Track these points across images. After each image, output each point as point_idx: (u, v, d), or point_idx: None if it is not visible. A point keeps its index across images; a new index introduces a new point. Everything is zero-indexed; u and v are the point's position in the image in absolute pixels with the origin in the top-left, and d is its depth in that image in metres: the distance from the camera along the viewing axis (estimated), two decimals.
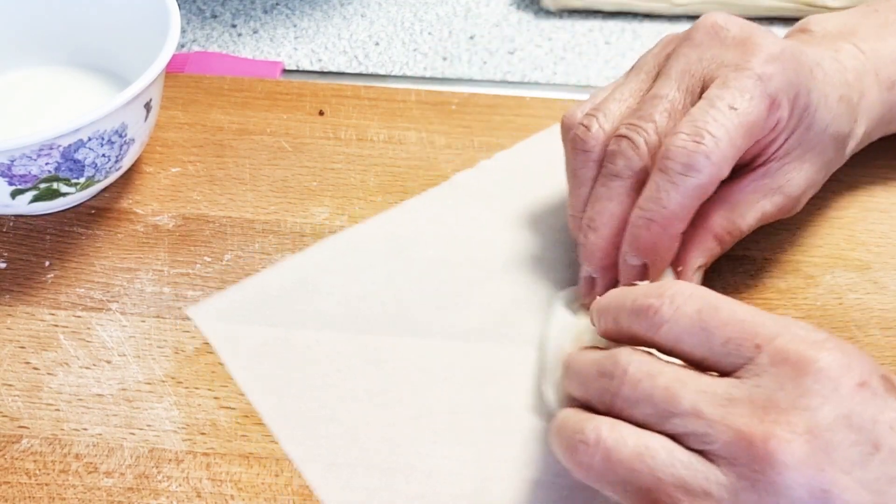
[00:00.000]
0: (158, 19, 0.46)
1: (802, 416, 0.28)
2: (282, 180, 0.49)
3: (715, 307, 0.31)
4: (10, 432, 0.38)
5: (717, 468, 0.29)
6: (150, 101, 0.45)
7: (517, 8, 0.65)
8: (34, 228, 0.47)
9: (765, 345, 0.30)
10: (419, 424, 0.39)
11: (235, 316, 0.42)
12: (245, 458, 0.38)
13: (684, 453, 0.29)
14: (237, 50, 0.61)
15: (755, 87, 0.38)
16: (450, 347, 0.42)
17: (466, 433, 0.38)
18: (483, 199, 0.48)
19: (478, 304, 0.43)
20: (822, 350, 0.29)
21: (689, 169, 0.36)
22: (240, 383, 0.40)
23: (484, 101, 0.54)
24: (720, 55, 0.39)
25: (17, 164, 0.41)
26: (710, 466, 0.29)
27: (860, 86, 0.43)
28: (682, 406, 0.30)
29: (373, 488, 0.37)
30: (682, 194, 0.37)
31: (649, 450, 0.30)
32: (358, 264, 0.45)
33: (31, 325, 0.42)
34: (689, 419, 0.29)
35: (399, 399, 0.40)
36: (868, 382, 0.29)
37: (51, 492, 0.36)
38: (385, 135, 0.52)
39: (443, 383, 0.40)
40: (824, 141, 0.41)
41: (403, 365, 0.41)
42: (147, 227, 0.47)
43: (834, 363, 0.29)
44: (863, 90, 0.43)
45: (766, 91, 0.38)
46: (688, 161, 0.36)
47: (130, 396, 0.40)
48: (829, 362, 0.29)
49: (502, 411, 0.39)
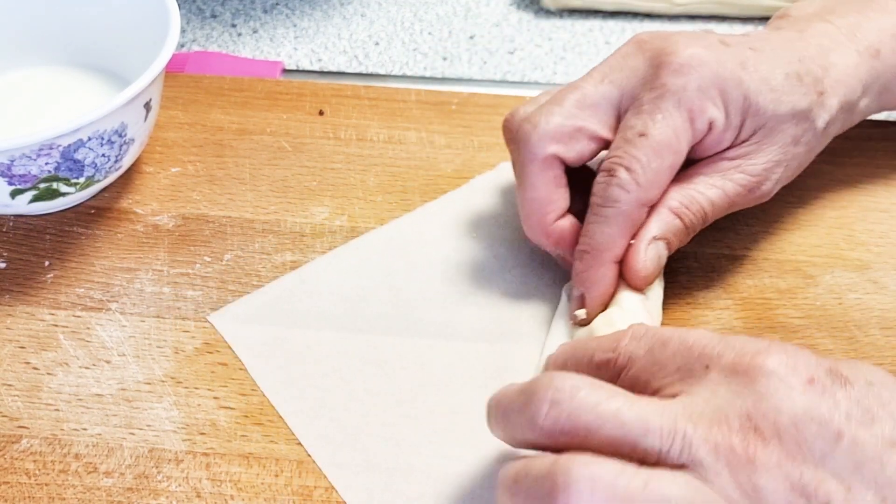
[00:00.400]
0: (158, 19, 0.46)
1: (766, 419, 0.29)
2: (282, 180, 0.49)
3: (663, 342, 0.32)
4: (9, 432, 0.38)
5: (709, 491, 0.28)
6: (150, 101, 0.45)
7: (517, 8, 0.65)
8: (34, 228, 0.47)
9: (713, 364, 0.31)
10: (419, 424, 0.39)
11: (254, 319, 0.42)
12: (245, 458, 0.38)
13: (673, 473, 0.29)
14: (237, 50, 0.61)
15: (667, 105, 0.40)
16: (450, 347, 0.42)
17: (466, 433, 0.38)
18: (488, 199, 0.48)
19: (478, 304, 0.43)
20: (767, 356, 0.30)
21: (608, 201, 0.39)
22: (260, 384, 0.40)
23: (484, 101, 0.54)
24: (635, 68, 0.41)
25: (17, 164, 0.41)
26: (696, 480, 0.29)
27: (823, 60, 0.43)
28: (652, 425, 0.29)
29: (373, 488, 0.37)
30: (605, 224, 0.40)
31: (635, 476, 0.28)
32: (363, 266, 0.45)
33: (30, 324, 0.42)
34: (666, 438, 0.29)
35: (399, 399, 0.40)
36: (815, 378, 0.30)
37: (50, 492, 0.36)
38: (385, 135, 0.52)
39: (444, 383, 0.40)
40: (781, 120, 0.42)
41: (403, 364, 0.41)
42: (147, 227, 0.47)
43: (781, 365, 0.30)
44: (829, 63, 0.43)
45: (679, 104, 0.39)
46: (605, 195, 0.40)
47: (130, 396, 0.40)
48: (776, 365, 0.30)
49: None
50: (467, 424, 0.39)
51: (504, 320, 0.43)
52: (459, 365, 0.41)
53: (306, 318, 0.42)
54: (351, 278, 0.44)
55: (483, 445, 0.38)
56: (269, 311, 0.43)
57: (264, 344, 0.41)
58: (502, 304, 0.43)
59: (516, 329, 0.42)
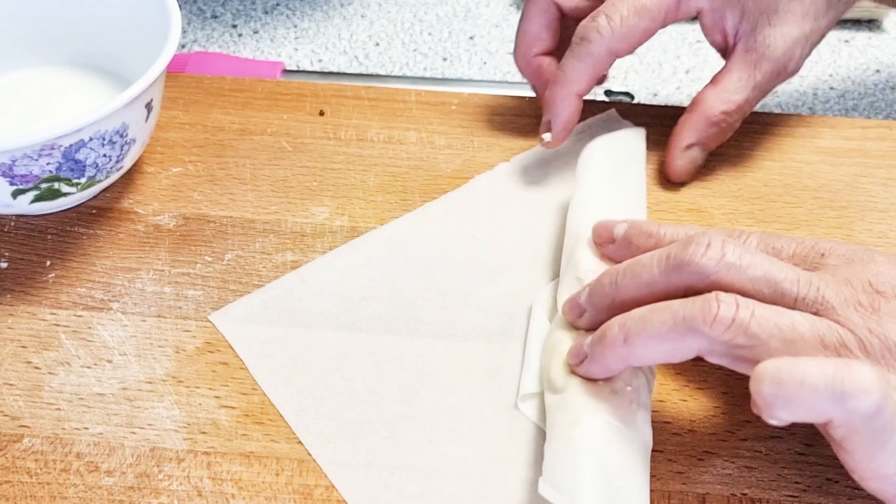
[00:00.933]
0: (159, 20, 0.46)
1: (887, 285, 0.33)
2: (282, 180, 0.49)
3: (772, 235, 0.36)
4: (11, 431, 0.38)
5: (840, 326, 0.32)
6: (151, 102, 0.45)
7: (517, 8, 0.65)
8: (35, 228, 0.47)
9: (828, 253, 0.35)
10: (419, 424, 0.39)
11: (254, 319, 0.43)
12: (246, 457, 0.38)
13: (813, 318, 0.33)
14: (238, 50, 0.61)
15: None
16: (450, 347, 0.42)
17: (466, 433, 0.39)
18: (488, 199, 0.48)
19: (478, 304, 0.44)
20: (874, 252, 0.35)
21: (583, 41, 0.45)
22: (260, 383, 0.40)
23: (484, 101, 0.54)
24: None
25: (19, 164, 0.41)
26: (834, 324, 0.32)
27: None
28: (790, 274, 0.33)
29: (373, 488, 0.37)
30: (576, 59, 0.46)
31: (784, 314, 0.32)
32: (364, 266, 0.45)
33: (32, 324, 0.42)
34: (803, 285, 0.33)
35: (399, 398, 0.40)
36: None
37: (52, 491, 0.36)
38: (385, 135, 0.52)
39: (443, 383, 0.40)
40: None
41: (402, 364, 0.41)
42: (148, 227, 0.47)
43: (888, 257, 0.35)
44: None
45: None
46: (582, 34, 0.45)
47: (131, 396, 0.40)
48: (884, 258, 0.34)
49: (502, 411, 0.39)
50: (467, 424, 0.39)
51: (504, 320, 0.43)
52: (459, 364, 0.41)
53: (307, 317, 0.43)
54: (351, 278, 0.44)
55: (483, 445, 0.38)
56: (270, 310, 0.43)
57: (265, 343, 0.42)
58: (502, 304, 0.43)
59: (515, 329, 0.42)
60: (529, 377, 0.39)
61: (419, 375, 0.41)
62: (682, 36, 0.63)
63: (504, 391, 0.40)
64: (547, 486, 0.33)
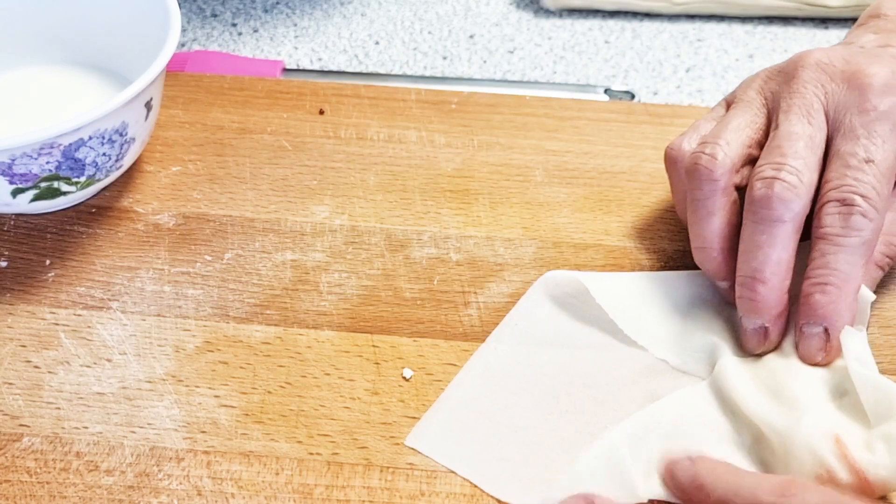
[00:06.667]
0: (159, 18, 0.46)
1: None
2: (282, 179, 0.49)
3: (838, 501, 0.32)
4: (10, 431, 0.38)
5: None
6: (151, 100, 0.45)
7: (517, 7, 0.65)
8: (35, 227, 0.47)
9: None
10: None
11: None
12: (245, 456, 0.38)
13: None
14: (237, 49, 0.61)
15: (882, 128, 0.39)
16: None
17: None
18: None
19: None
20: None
21: (851, 231, 0.38)
22: None
23: (484, 100, 0.54)
24: (834, 91, 0.40)
25: (18, 163, 0.41)
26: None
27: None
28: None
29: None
30: (849, 254, 0.38)
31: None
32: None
33: (31, 323, 0.42)
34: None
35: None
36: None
37: (51, 490, 0.36)
38: (385, 134, 0.52)
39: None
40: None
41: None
42: (148, 226, 0.47)
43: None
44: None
45: (894, 125, 0.39)
46: (846, 224, 0.38)
47: (131, 395, 0.40)
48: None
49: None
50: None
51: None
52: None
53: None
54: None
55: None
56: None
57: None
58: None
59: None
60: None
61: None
62: (682, 34, 0.63)
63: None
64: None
